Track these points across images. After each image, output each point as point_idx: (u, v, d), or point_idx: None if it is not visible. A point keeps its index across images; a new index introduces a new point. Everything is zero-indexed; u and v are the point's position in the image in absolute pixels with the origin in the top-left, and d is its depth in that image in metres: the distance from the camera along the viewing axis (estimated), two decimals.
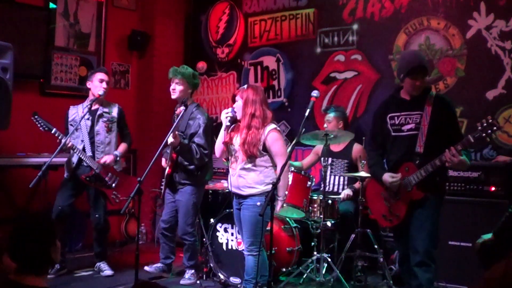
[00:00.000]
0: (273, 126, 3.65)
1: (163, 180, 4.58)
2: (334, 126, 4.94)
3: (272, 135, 3.61)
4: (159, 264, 4.72)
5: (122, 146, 4.92)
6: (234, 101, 3.82)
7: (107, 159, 4.70)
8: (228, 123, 3.71)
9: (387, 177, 3.46)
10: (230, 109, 3.72)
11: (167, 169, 4.44)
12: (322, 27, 5.78)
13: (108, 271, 4.79)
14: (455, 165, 3.26)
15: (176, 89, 4.50)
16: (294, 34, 6.02)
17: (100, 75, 4.76)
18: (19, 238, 2.18)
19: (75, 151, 4.58)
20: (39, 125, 4.52)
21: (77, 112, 4.78)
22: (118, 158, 4.80)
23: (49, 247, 2.19)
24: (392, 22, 5.27)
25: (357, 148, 4.94)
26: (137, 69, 6.72)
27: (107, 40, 6.35)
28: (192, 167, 4.44)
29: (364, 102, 5.46)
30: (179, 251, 4.84)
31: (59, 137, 4.47)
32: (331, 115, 4.98)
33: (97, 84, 4.73)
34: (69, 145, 4.50)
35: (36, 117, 4.53)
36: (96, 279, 4.71)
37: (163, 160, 4.63)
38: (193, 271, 4.63)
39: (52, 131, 4.49)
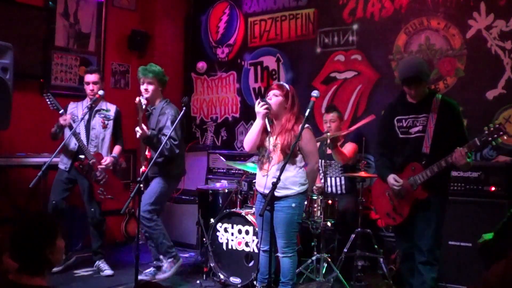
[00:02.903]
0: (306, 125, 3.56)
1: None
2: (337, 125, 4.95)
3: (306, 135, 3.58)
4: (150, 270, 4.70)
5: (117, 148, 5.01)
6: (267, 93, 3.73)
7: (109, 161, 4.82)
8: (269, 123, 3.59)
9: (392, 179, 3.51)
10: (262, 101, 3.58)
11: (143, 168, 4.40)
12: (322, 27, 5.78)
13: (108, 271, 4.81)
14: (460, 165, 3.29)
15: (148, 89, 4.53)
16: (294, 34, 6.02)
17: (86, 78, 4.92)
18: (16, 238, 2.18)
19: (76, 137, 4.66)
20: (49, 102, 4.68)
21: (76, 107, 4.92)
22: (115, 161, 4.93)
23: (44, 248, 2.18)
24: (392, 22, 5.27)
25: (348, 147, 4.91)
26: (137, 69, 6.69)
27: (107, 40, 6.35)
28: (160, 159, 4.39)
29: (364, 102, 5.46)
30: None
31: (60, 113, 4.64)
32: (335, 114, 4.98)
33: (86, 87, 4.89)
34: (67, 122, 4.64)
35: (48, 94, 4.70)
36: (96, 279, 4.71)
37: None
38: (168, 261, 4.46)
39: (60, 111, 4.67)
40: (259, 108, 3.57)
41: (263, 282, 3.78)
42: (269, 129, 3.61)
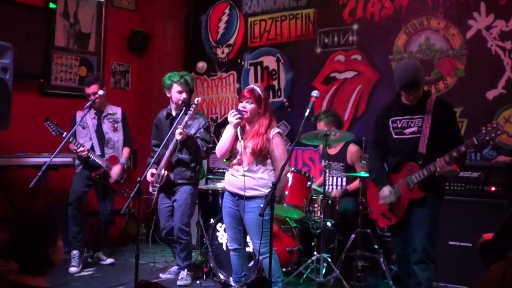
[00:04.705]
0: (277, 130, 3.71)
1: (153, 188, 4.52)
2: None
3: (277, 139, 3.68)
4: (174, 268, 4.74)
5: (126, 152, 5.16)
6: (239, 100, 3.78)
7: (117, 171, 4.97)
8: (241, 131, 3.67)
9: (387, 191, 3.50)
10: (235, 111, 3.66)
11: (163, 171, 4.42)
12: (322, 27, 5.78)
13: (109, 260, 5.13)
14: (445, 173, 3.32)
15: (182, 96, 4.53)
16: (294, 34, 6.01)
17: (86, 90, 4.99)
18: (17, 239, 2.18)
19: (90, 154, 4.84)
20: (51, 130, 4.76)
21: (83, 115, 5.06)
22: (125, 166, 5.08)
23: (47, 247, 2.18)
24: (392, 22, 5.27)
25: (352, 149, 4.89)
26: (137, 69, 6.72)
27: (107, 40, 6.35)
28: (193, 164, 4.50)
29: (364, 102, 5.46)
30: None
31: (73, 142, 4.75)
32: (321, 124, 4.89)
33: (89, 99, 4.96)
34: (84, 154, 4.81)
35: (48, 122, 4.77)
36: (96, 279, 4.72)
37: (149, 173, 4.46)
38: (187, 271, 4.58)
39: (63, 135, 4.71)
40: (231, 118, 3.65)
41: (240, 281, 3.87)
42: (239, 137, 3.67)
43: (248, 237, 3.92)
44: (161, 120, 4.70)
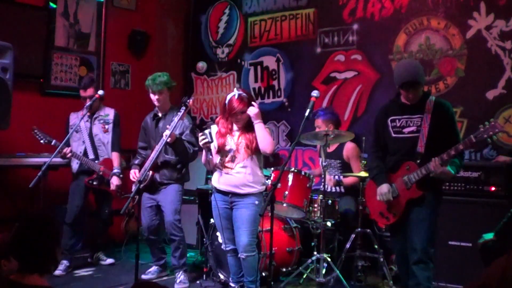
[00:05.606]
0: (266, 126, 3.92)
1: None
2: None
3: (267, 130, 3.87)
4: (154, 268, 4.73)
5: (115, 158, 5.01)
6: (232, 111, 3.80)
7: (115, 182, 4.88)
8: (209, 154, 3.77)
9: (385, 188, 3.50)
10: (207, 134, 3.69)
11: (147, 172, 4.35)
12: (322, 27, 5.78)
13: (109, 260, 5.11)
14: (438, 175, 3.32)
15: (160, 99, 4.52)
16: (294, 34, 6.02)
17: (81, 93, 4.94)
18: (25, 238, 2.18)
19: (77, 158, 4.78)
20: (39, 138, 4.69)
21: (77, 117, 4.95)
22: (120, 175, 4.95)
23: (55, 246, 2.21)
24: (392, 22, 5.28)
25: (348, 146, 4.87)
26: (137, 69, 6.71)
27: (107, 40, 6.34)
28: (179, 166, 4.50)
29: (364, 102, 5.46)
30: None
31: (59, 148, 4.58)
32: (319, 120, 4.88)
33: (84, 102, 4.90)
34: (69, 155, 4.70)
35: (36, 131, 4.70)
36: (96, 279, 4.71)
37: (132, 172, 4.54)
38: (183, 272, 4.52)
39: (52, 143, 4.64)
40: (200, 143, 3.73)
41: (239, 281, 3.90)
42: (208, 157, 3.78)
43: None
44: (148, 122, 4.71)
